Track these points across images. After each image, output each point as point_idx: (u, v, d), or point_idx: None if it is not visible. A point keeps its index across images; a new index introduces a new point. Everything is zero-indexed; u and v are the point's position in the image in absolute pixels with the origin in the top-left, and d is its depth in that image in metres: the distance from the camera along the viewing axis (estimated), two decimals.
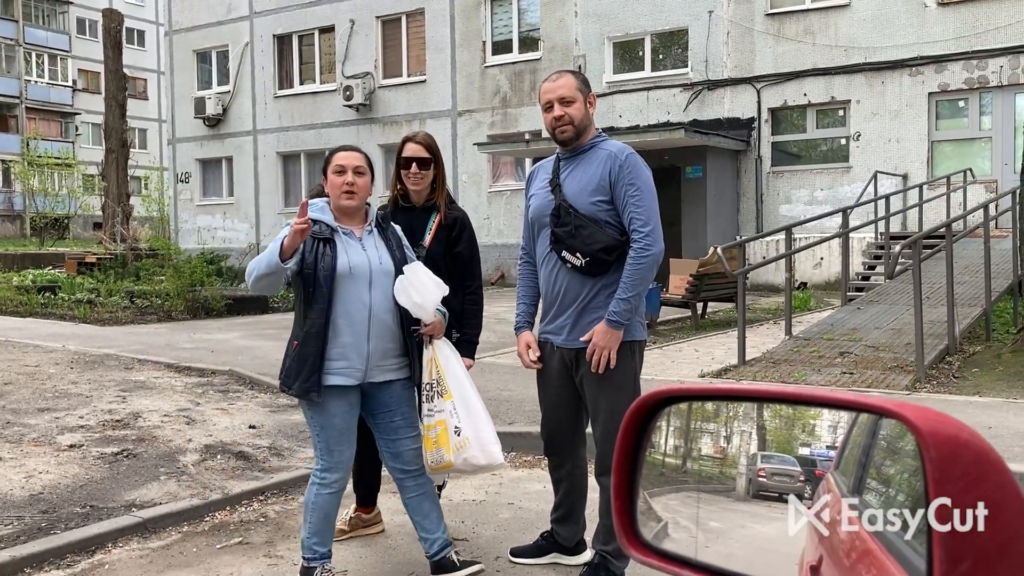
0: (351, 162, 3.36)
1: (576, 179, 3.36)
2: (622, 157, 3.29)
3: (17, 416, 6.40)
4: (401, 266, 3.35)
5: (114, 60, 22.95)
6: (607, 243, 3.27)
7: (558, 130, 3.35)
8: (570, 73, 3.44)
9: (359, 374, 3.29)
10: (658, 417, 1.11)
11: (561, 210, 3.33)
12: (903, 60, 15.67)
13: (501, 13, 20.33)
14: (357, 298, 3.26)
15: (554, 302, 3.41)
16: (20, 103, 44.86)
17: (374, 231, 3.43)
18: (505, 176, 20.41)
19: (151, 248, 20.59)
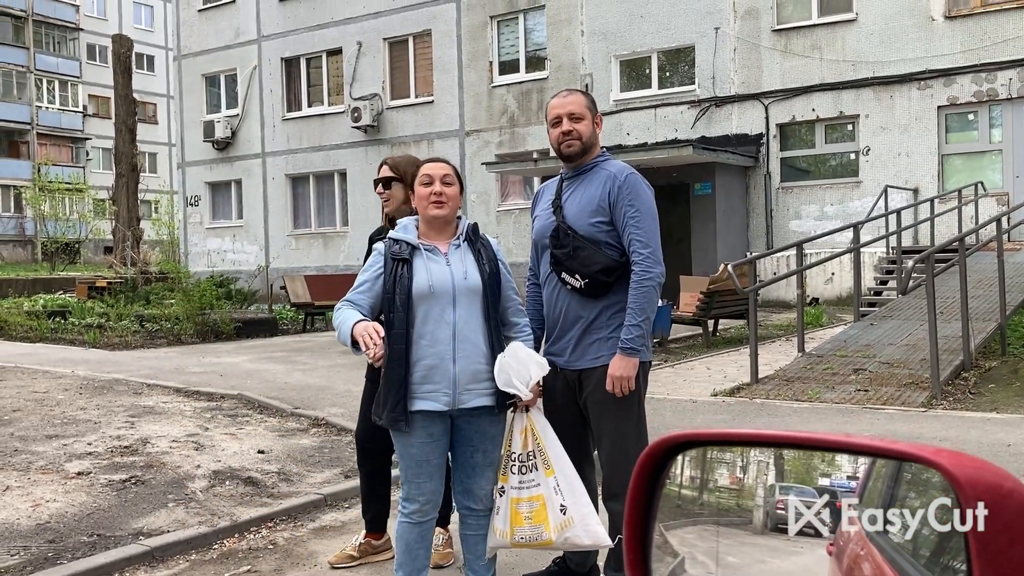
0: (438, 172, 3.19)
1: (577, 200, 3.32)
2: (621, 178, 3.26)
3: (25, 443, 6.36)
4: (490, 281, 3.16)
5: (124, 85, 23.11)
6: (606, 264, 3.24)
7: (564, 144, 3.33)
8: (580, 92, 3.42)
9: (447, 398, 3.08)
10: (671, 464, 1.06)
11: (560, 231, 3.30)
12: (912, 74, 15.62)
13: (508, 33, 20.41)
14: (440, 317, 3.08)
15: (556, 324, 3.37)
16: (31, 129, 45.23)
17: (462, 245, 3.21)
18: (513, 195, 20.41)
19: (161, 272, 20.67)
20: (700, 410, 7.13)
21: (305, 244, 23.43)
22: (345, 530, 4.63)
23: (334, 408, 7.57)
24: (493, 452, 3.25)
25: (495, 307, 3.19)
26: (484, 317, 3.15)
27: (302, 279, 16.45)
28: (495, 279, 3.19)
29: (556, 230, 3.32)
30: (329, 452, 6.19)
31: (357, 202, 22.27)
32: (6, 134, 45.13)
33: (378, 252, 3.21)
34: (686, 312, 11.24)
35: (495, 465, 3.27)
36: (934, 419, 6.46)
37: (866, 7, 16.02)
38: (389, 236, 3.22)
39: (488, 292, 3.15)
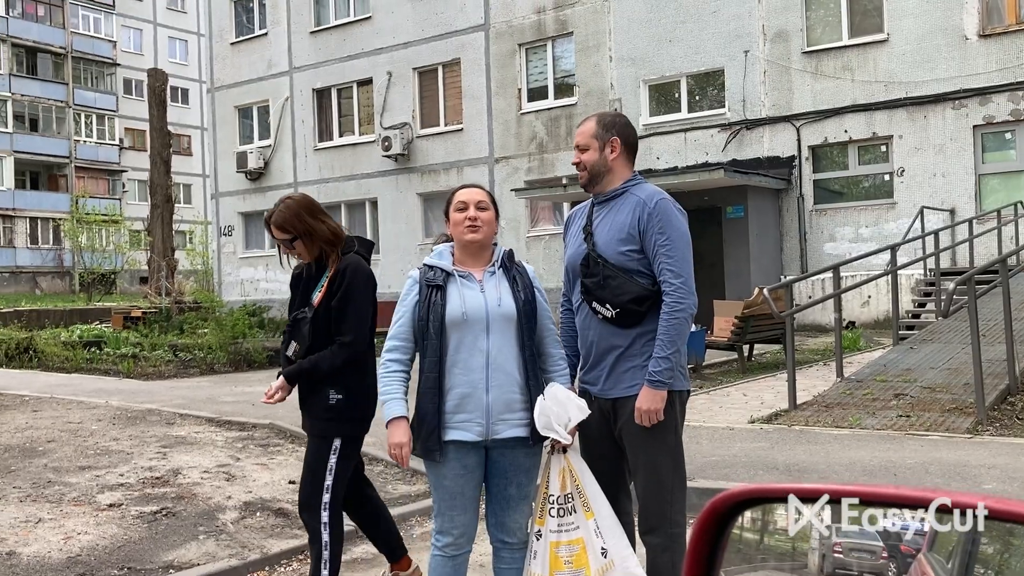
0: (473, 197, 3.15)
1: (607, 226, 3.22)
2: (651, 204, 3.14)
3: (58, 475, 6.37)
4: (525, 308, 3.11)
5: (159, 118, 23.50)
6: (637, 294, 3.12)
7: (580, 177, 3.31)
8: (594, 118, 3.31)
9: (480, 428, 3.03)
10: (736, 521, 0.97)
11: (590, 260, 3.20)
12: (946, 93, 15.42)
13: (536, 60, 20.48)
14: (473, 345, 3.02)
15: (589, 352, 3.27)
16: (70, 163, 46.10)
17: (497, 271, 3.16)
18: (543, 221, 20.39)
19: (195, 301, 20.84)
20: (737, 438, 6.98)
21: None
22: (376, 562, 4.55)
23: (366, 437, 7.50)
24: (527, 485, 3.17)
25: (530, 335, 3.12)
26: (519, 345, 3.08)
27: None
28: (530, 307, 3.13)
29: (586, 258, 3.22)
30: None
31: (388, 230, 22.36)
32: (46, 168, 46.04)
33: (412, 279, 3.17)
34: (721, 337, 11.08)
35: (529, 498, 3.18)
36: (981, 446, 6.26)
37: (897, 28, 15.88)
38: (424, 262, 3.19)
39: (523, 320, 3.09)
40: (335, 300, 3.56)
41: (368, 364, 3.67)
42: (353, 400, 3.63)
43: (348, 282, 3.56)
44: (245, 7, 25.80)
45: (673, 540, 3.10)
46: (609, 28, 19.06)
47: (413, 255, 21.67)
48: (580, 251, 3.28)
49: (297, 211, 3.68)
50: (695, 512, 3.93)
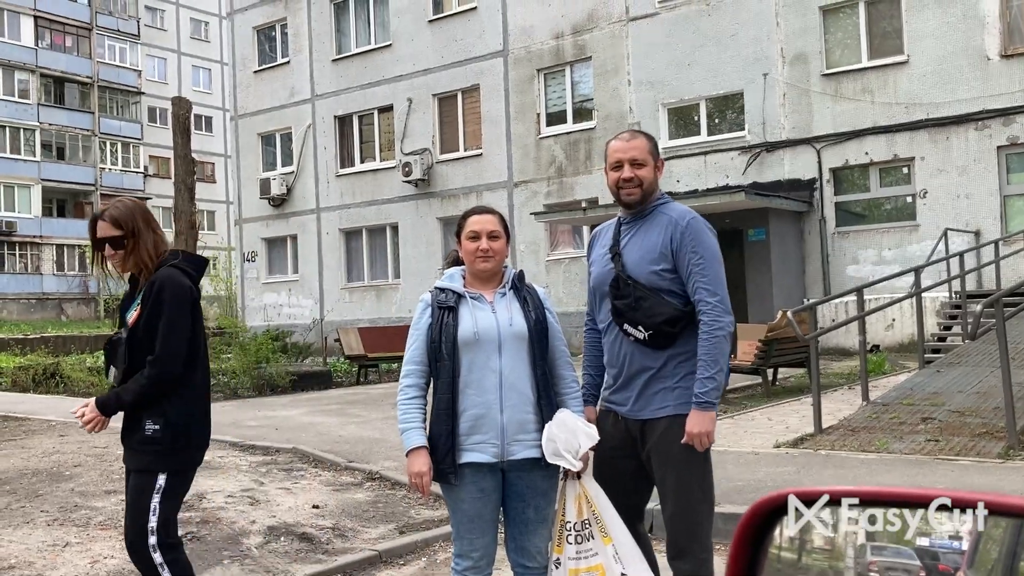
0: (485, 227, 3.15)
1: (637, 246, 3.17)
2: (683, 222, 3.10)
3: (85, 499, 6.41)
4: (536, 327, 3.12)
5: (183, 146, 23.70)
6: (670, 315, 3.08)
7: (625, 191, 3.18)
8: (643, 135, 3.26)
9: (495, 449, 3.03)
10: (777, 525, 0.97)
11: (620, 281, 3.14)
12: (968, 114, 15.34)
13: (555, 85, 20.60)
14: (485, 365, 3.03)
15: (619, 373, 3.21)
16: (95, 190, 46.72)
17: (508, 293, 3.17)
18: (563, 244, 20.42)
19: (218, 327, 20.96)
20: (763, 462, 6.92)
21: (358, 297, 23.65)
22: None
23: (388, 461, 7.51)
24: (546, 508, 3.16)
25: (542, 355, 3.13)
26: (531, 365, 3.09)
27: (356, 331, 16.56)
28: (541, 326, 3.14)
29: (616, 280, 3.16)
30: (383, 507, 6.12)
31: (409, 254, 22.46)
32: (72, 195, 46.68)
33: (424, 303, 3.18)
34: (744, 361, 11.00)
35: (548, 521, 3.16)
36: (1013, 471, 6.17)
37: (917, 49, 15.85)
38: (435, 285, 3.21)
39: (534, 339, 3.10)
40: (146, 317, 3.24)
41: (193, 386, 3.34)
42: (175, 429, 3.26)
43: (157, 295, 3.22)
44: (268, 36, 26.16)
45: (701, 565, 3.06)
46: (627, 52, 19.15)
47: (433, 279, 21.41)
48: (607, 272, 3.22)
49: (134, 210, 3.38)
50: (721, 538, 3.87)
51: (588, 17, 19.76)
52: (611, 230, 3.32)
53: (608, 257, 3.25)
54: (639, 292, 3.11)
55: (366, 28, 23.89)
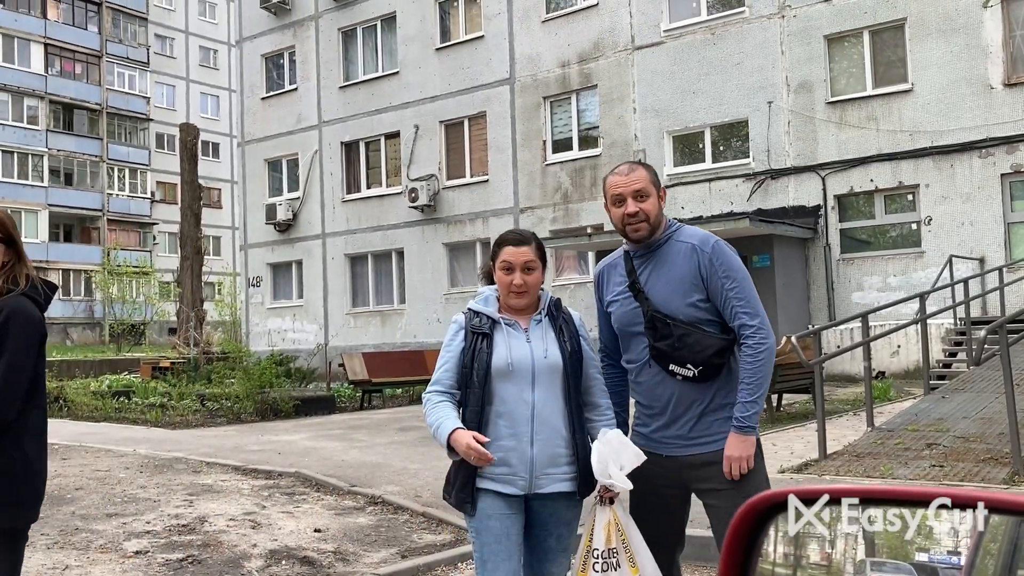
0: (519, 259, 3.00)
1: (661, 280, 3.03)
2: (708, 248, 3.00)
3: (86, 522, 6.39)
4: (572, 359, 3.01)
5: (190, 171, 23.92)
6: (717, 347, 2.96)
7: (631, 227, 3.03)
8: (642, 166, 3.12)
9: (522, 483, 2.92)
10: (770, 525, 0.98)
11: (656, 322, 2.99)
12: (972, 142, 15.39)
13: (560, 113, 20.73)
14: (518, 396, 2.93)
15: (663, 412, 3.05)
16: (102, 215, 46.96)
17: (543, 320, 3.07)
18: (568, 270, 20.45)
19: (223, 351, 20.98)
20: None
21: (363, 322, 23.66)
22: None
23: (391, 486, 7.49)
24: (567, 537, 3.08)
25: (576, 388, 3.03)
26: (564, 398, 2.99)
27: (360, 357, 16.55)
28: (576, 357, 3.04)
29: (651, 321, 3.01)
30: (386, 531, 6.09)
31: (414, 280, 22.50)
32: (79, 220, 46.93)
33: (458, 324, 3.07)
34: None
35: (568, 551, 3.09)
36: None
37: (921, 78, 15.93)
38: (469, 307, 3.09)
39: (569, 371, 3.00)
40: None
41: (27, 430, 2.84)
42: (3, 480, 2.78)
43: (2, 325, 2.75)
44: (276, 64, 26.39)
45: None
46: (633, 81, 19.28)
47: (438, 304, 21.75)
48: (633, 311, 3.08)
49: (8, 219, 2.93)
50: None
51: (594, 46, 19.92)
52: (620, 265, 3.18)
53: (629, 296, 3.10)
54: (680, 329, 2.97)
55: (373, 56, 24.10)
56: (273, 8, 25.74)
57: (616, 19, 19.58)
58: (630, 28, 19.35)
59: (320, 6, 24.93)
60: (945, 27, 15.67)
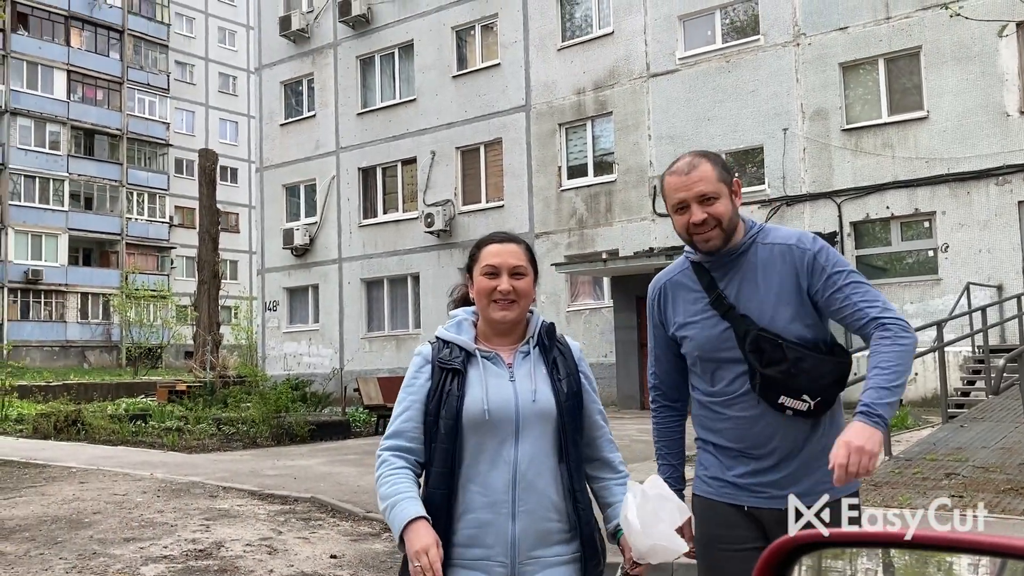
0: (506, 260, 2.35)
1: (755, 294, 2.45)
2: (813, 246, 2.44)
3: (103, 546, 6.42)
4: (568, 403, 2.32)
5: (208, 196, 24.16)
6: (837, 373, 2.42)
7: (700, 238, 2.46)
8: (705, 159, 2.49)
9: (503, 570, 2.22)
10: (792, 571, 0.99)
11: (764, 343, 2.40)
12: (988, 170, 15.36)
13: (576, 139, 20.85)
14: (496, 454, 2.24)
15: (760, 455, 2.46)
16: (121, 240, 47.37)
17: (533, 352, 2.37)
18: (583, 295, 20.46)
19: (239, 375, 21.09)
20: None
21: (379, 346, 23.73)
22: None
23: None
24: None
25: (575, 440, 2.33)
26: (558, 454, 2.29)
27: (375, 381, 16.59)
28: (575, 400, 2.34)
29: (757, 342, 2.41)
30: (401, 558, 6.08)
31: (430, 304, 22.57)
32: (98, 244, 47.36)
33: (422, 358, 2.39)
34: None
35: None
36: None
37: (937, 105, 15.94)
38: (437, 335, 2.43)
39: (565, 419, 2.30)
40: None
41: None
42: None
43: None
44: (295, 91, 26.69)
45: None
46: (648, 108, 19.38)
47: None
48: (721, 334, 2.48)
49: None
50: None
51: (609, 73, 20.05)
52: (690, 280, 2.58)
53: (714, 315, 2.50)
54: (794, 352, 2.39)
55: (391, 83, 24.34)
56: (292, 36, 26.08)
57: (631, 47, 19.73)
58: (645, 56, 19.48)
59: (339, 34, 25.24)
60: (960, 55, 15.70)
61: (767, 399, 2.42)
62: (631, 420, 15.80)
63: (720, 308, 2.49)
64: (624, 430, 13.95)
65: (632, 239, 19.17)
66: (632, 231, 19.32)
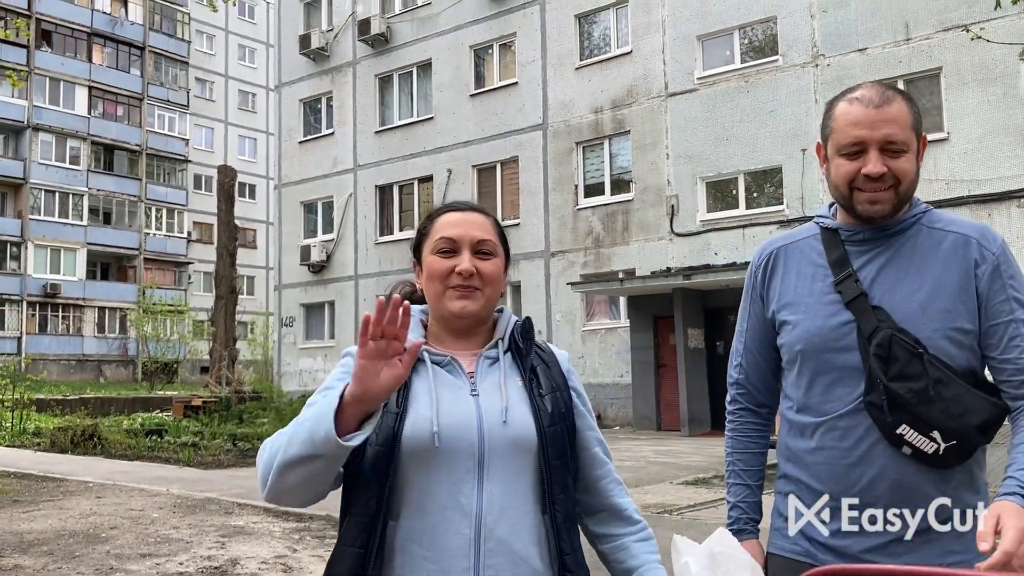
0: (469, 233, 1.72)
1: (901, 282, 1.84)
2: (994, 247, 1.85)
3: (120, 562, 6.41)
4: (553, 430, 1.65)
5: (227, 212, 24.28)
6: (986, 415, 1.77)
7: (868, 196, 1.83)
8: (901, 96, 1.87)
9: None
10: None
11: (898, 348, 1.78)
12: (1010, 192, 15.26)
13: (593, 158, 20.87)
14: (450, 499, 1.57)
15: (860, 500, 1.81)
16: (139, 254, 47.72)
17: (503, 358, 1.71)
18: (599, 315, 20.40)
19: (255, 391, 21.12)
20: None
21: None
22: None
23: None
24: None
25: (562, 481, 1.65)
26: (540, 502, 1.63)
27: None
28: (564, 425, 1.68)
29: (889, 345, 1.78)
30: None
31: None
32: (116, 259, 47.72)
33: (351, 357, 1.67)
34: None
35: None
36: None
37: (957, 127, 15.87)
38: None
39: (549, 451, 1.64)
40: None
41: None
42: None
43: None
44: (313, 108, 26.89)
45: None
46: (666, 127, 19.39)
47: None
48: (842, 328, 1.85)
49: None
50: None
51: (627, 92, 20.09)
52: (814, 249, 1.96)
53: (835, 300, 1.87)
54: (938, 371, 1.77)
55: (409, 101, 24.48)
56: (312, 54, 26.30)
57: (650, 66, 19.76)
58: (664, 75, 19.51)
59: (358, 53, 25.43)
60: (981, 76, 15.64)
61: (885, 427, 1.78)
62: (647, 442, 15.71)
63: (847, 292, 1.85)
64: (640, 451, 13.87)
65: (649, 258, 19.13)
66: (649, 250, 19.28)
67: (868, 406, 1.80)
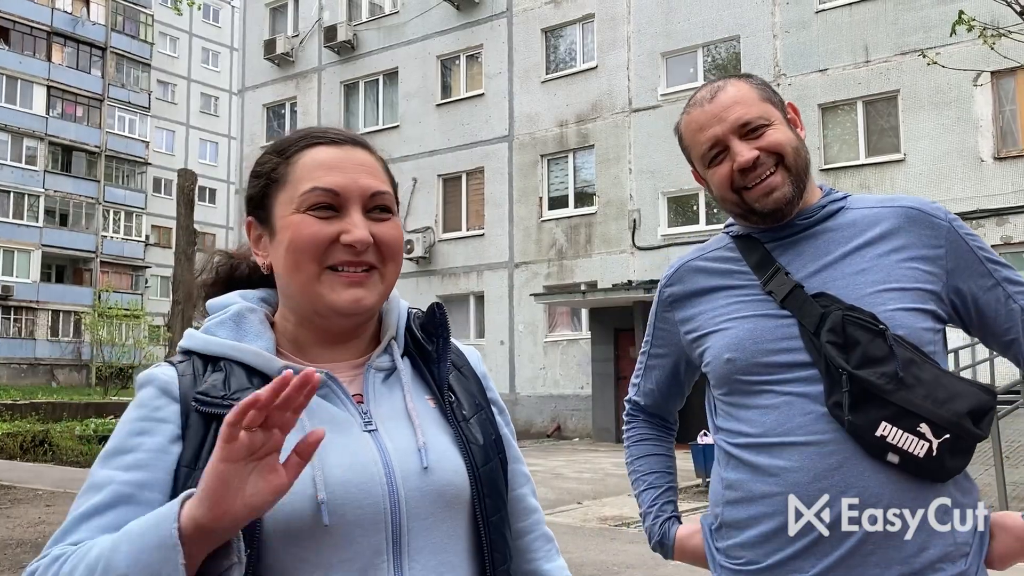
0: (360, 181, 1.23)
1: (845, 264, 1.54)
2: (943, 215, 1.57)
3: None
4: (489, 468, 1.19)
5: (186, 216, 23.94)
6: (976, 400, 1.45)
7: (759, 190, 1.57)
8: (742, 80, 1.68)
9: None
10: None
11: (851, 325, 1.46)
12: (962, 213, 15.57)
13: (557, 171, 20.99)
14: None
15: (835, 524, 1.42)
16: (95, 257, 46.96)
17: (402, 366, 1.24)
18: (561, 326, 20.48)
19: None
20: None
21: None
22: None
23: None
24: None
25: (503, 538, 1.21)
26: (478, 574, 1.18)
27: None
28: (496, 455, 1.24)
29: (843, 326, 1.46)
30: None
31: None
32: (72, 262, 46.91)
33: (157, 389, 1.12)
34: None
35: None
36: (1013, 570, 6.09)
37: (914, 148, 16.22)
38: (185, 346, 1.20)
39: (487, 499, 1.18)
40: None
41: None
42: None
43: None
44: (277, 114, 26.72)
45: None
46: (629, 142, 19.56)
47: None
48: (778, 327, 1.53)
49: None
50: None
51: (592, 107, 20.25)
52: (723, 261, 1.68)
53: (767, 300, 1.56)
54: (907, 351, 1.45)
55: (375, 109, 24.43)
56: (277, 60, 26.14)
57: (614, 82, 19.94)
58: (628, 91, 19.70)
59: (324, 59, 25.34)
60: (937, 100, 16.01)
61: (857, 427, 1.41)
62: (606, 454, 15.77)
63: (778, 290, 1.54)
64: (599, 463, 13.92)
65: (611, 271, 19.26)
66: (611, 263, 19.41)
67: (833, 410, 1.42)
